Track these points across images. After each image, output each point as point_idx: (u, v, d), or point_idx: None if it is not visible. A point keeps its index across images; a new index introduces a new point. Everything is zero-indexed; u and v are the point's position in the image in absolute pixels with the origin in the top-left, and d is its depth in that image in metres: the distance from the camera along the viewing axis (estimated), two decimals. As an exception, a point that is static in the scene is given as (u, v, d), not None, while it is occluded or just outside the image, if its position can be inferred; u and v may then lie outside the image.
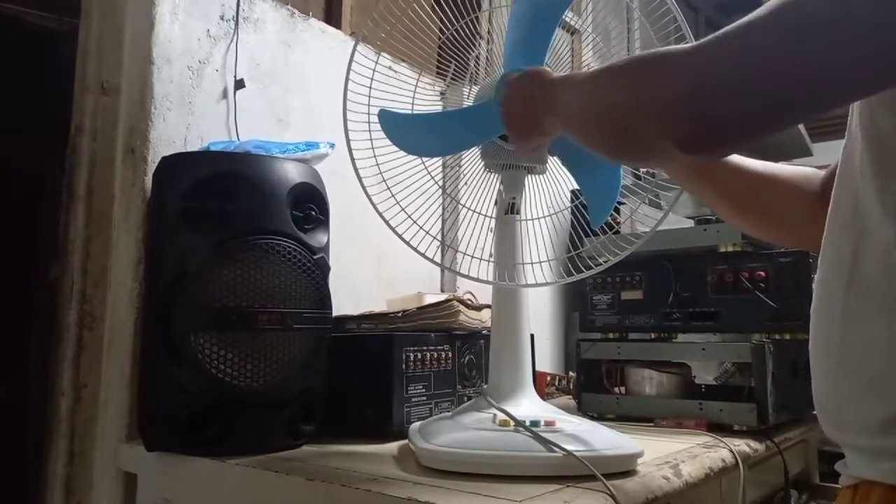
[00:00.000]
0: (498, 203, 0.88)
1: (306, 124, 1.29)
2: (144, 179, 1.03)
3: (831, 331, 0.56)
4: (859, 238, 0.54)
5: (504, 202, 0.87)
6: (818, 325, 0.58)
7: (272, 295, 0.90)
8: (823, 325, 0.58)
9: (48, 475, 1.06)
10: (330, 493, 0.72)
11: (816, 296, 0.59)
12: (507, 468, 0.73)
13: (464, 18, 0.86)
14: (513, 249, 0.86)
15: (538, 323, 1.80)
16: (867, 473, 0.53)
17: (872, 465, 0.52)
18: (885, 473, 0.51)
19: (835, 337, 0.56)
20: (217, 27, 1.16)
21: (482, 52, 0.89)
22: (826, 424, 0.58)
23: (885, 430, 0.50)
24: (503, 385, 0.86)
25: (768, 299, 1.07)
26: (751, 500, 1.00)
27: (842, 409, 0.55)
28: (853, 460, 0.55)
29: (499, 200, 0.88)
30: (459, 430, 0.78)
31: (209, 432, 0.87)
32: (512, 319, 0.88)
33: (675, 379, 1.17)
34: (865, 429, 0.52)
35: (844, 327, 0.55)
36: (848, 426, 0.55)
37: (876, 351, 0.52)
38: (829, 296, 0.57)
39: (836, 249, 0.57)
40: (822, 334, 0.58)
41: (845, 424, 0.55)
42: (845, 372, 0.55)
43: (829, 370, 0.56)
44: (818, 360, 0.58)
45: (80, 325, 1.07)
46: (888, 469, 0.51)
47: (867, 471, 0.53)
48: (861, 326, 0.53)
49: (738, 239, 1.13)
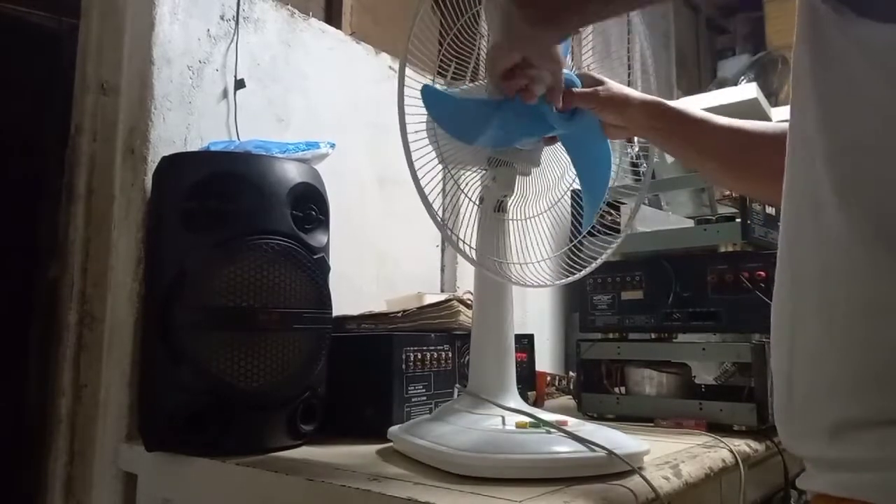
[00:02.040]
0: (485, 199, 0.87)
1: (306, 124, 1.29)
2: (144, 179, 1.03)
3: (783, 334, 0.55)
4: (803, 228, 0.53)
5: (493, 199, 0.87)
6: (773, 330, 0.57)
7: (272, 295, 0.90)
8: (776, 328, 0.56)
9: (48, 475, 1.06)
10: (330, 493, 0.72)
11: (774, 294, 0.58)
12: (548, 471, 0.72)
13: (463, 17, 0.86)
14: (501, 247, 0.86)
15: (538, 323, 1.80)
16: (818, 486, 0.51)
17: (822, 476, 0.50)
18: (833, 486, 0.49)
19: (786, 341, 0.54)
20: (217, 27, 1.16)
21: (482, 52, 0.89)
22: (782, 434, 0.57)
23: (834, 438, 0.49)
24: (487, 385, 0.85)
25: (768, 299, 1.07)
26: (751, 500, 1.00)
27: (794, 417, 0.54)
28: (807, 472, 0.53)
29: (486, 197, 0.87)
30: (479, 433, 0.77)
31: (209, 432, 0.87)
32: (496, 318, 0.87)
33: (675, 379, 1.17)
34: (815, 437, 0.51)
35: (794, 330, 0.53)
36: (801, 434, 0.53)
37: (823, 355, 0.50)
38: (778, 296, 0.56)
39: (782, 241, 0.56)
40: (776, 338, 0.56)
41: (798, 433, 0.54)
42: (799, 377, 0.53)
43: (783, 374, 0.55)
44: (775, 365, 0.57)
45: (80, 325, 1.07)
46: (836, 481, 0.49)
47: (817, 483, 0.51)
48: (807, 329, 0.52)
49: (739, 239, 1.13)
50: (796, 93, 0.55)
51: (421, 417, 0.94)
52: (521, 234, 0.89)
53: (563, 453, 0.73)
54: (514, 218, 0.90)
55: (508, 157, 0.87)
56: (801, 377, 0.53)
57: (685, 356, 1.19)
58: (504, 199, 0.88)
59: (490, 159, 0.86)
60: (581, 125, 0.84)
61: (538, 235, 0.90)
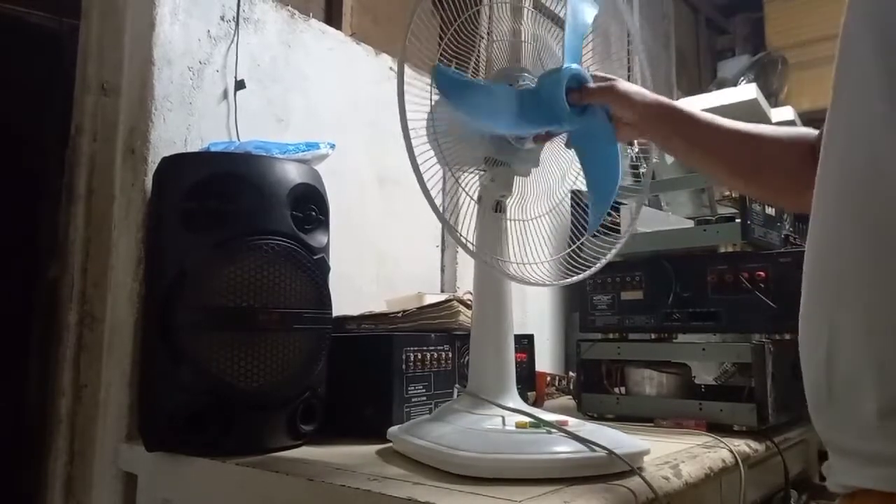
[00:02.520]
0: (484, 199, 0.87)
1: (306, 124, 1.29)
2: (144, 180, 1.03)
3: (819, 312, 0.53)
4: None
5: (491, 199, 0.87)
6: (805, 308, 0.55)
7: (272, 295, 0.90)
8: (811, 304, 0.54)
9: (48, 475, 1.06)
10: (330, 493, 0.72)
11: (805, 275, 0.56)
12: (548, 471, 0.72)
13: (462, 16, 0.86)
14: (499, 246, 0.86)
15: (538, 323, 1.80)
16: (858, 480, 0.49)
17: (864, 469, 0.48)
18: (880, 480, 0.47)
19: (824, 318, 0.52)
20: (217, 28, 1.16)
21: (482, 52, 0.89)
22: (817, 424, 0.54)
23: (882, 425, 0.47)
24: (487, 385, 0.85)
25: (768, 299, 1.08)
26: (751, 500, 1.00)
27: (834, 403, 0.52)
28: (844, 465, 0.51)
29: (484, 196, 0.87)
30: (479, 433, 0.77)
31: (209, 432, 0.87)
32: (496, 317, 0.87)
33: (675, 379, 1.17)
34: (858, 424, 0.49)
35: (837, 305, 0.51)
36: (841, 422, 0.51)
37: (876, 329, 0.48)
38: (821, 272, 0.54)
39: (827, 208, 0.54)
40: (809, 316, 0.54)
41: (838, 421, 0.52)
42: (837, 358, 0.51)
43: (818, 354, 0.52)
44: (807, 347, 0.55)
45: (80, 325, 1.07)
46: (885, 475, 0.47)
47: (857, 477, 0.49)
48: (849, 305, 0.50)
49: (738, 239, 1.13)
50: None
51: (420, 418, 0.94)
52: (521, 235, 0.89)
53: (563, 453, 0.73)
54: (515, 218, 0.90)
55: (506, 158, 0.87)
56: (844, 355, 0.50)
57: (685, 356, 1.19)
58: (502, 199, 0.88)
59: (488, 159, 0.86)
60: (592, 122, 0.83)
61: (539, 236, 0.90)
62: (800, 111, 1.88)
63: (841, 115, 0.54)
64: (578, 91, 0.81)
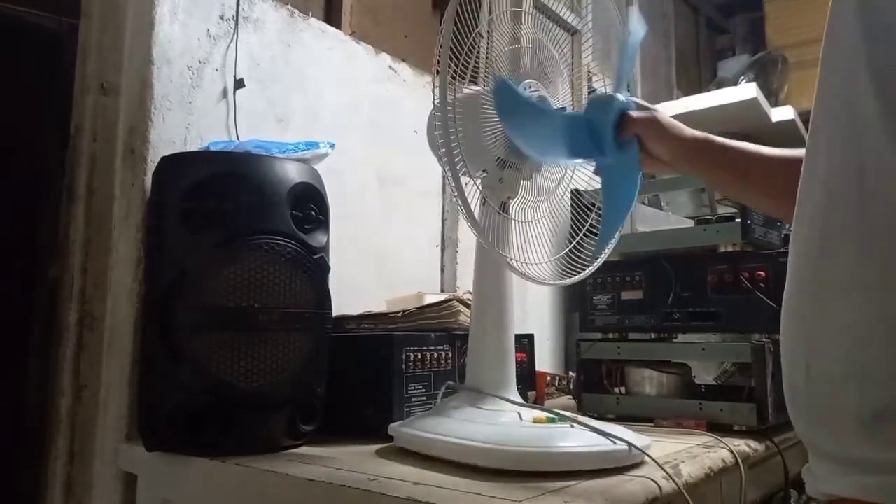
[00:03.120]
0: (491, 200, 0.87)
1: (306, 124, 1.29)
2: (144, 179, 1.03)
3: (801, 310, 0.52)
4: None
5: (498, 200, 0.87)
6: (787, 303, 0.54)
7: (272, 295, 0.90)
8: (793, 300, 0.54)
9: (48, 475, 1.06)
10: (330, 493, 0.72)
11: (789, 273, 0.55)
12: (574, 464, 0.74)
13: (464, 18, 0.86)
14: (506, 246, 0.86)
15: (538, 323, 1.80)
16: (839, 488, 0.47)
17: (846, 478, 0.47)
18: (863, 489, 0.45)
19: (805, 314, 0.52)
20: (217, 27, 1.16)
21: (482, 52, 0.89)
22: (797, 424, 0.53)
23: (867, 431, 0.45)
24: (486, 383, 0.86)
25: (768, 299, 1.07)
26: (751, 500, 1.00)
27: (811, 404, 0.50)
28: (824, 471, 0.50)
29: (490, 197, 0.87)
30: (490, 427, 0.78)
31: (209, 432, 0.87)
32: (496, 314, 0.87)
33: (675, 379, 1.16)
34: (841, 429, 0.47)
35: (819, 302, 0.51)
36: (819, 424, 0.50)
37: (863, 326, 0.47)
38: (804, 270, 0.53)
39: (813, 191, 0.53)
40: (791, 312, 0.54)
41: (817, 421, 0.51)
42: (818, 360, 0.50)
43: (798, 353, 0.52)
44: (788, 342, 0.54)
45: (80, 325, 1.07)
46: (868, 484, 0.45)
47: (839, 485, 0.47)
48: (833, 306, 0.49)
49: (738, 239, 1.13)
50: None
51: (423, 413, 0.94)
52: (522, 235, 0.89)
53: (586, 446, 0.75)
54: (515, 219, 0.90)
55: (517, 160, 0.87)
56: (825, 357, 0.49)
57: (685, 356, 1.19)
58: (508, 200, 0.88)
59: (499, 160, 0.86)
60: (629, 154, 0.80)
61: (539, 237, 0.90)
62: (800, 110, 1.87)
63: (825, 112, 0.53)
64: (622, 121, 0.78)
